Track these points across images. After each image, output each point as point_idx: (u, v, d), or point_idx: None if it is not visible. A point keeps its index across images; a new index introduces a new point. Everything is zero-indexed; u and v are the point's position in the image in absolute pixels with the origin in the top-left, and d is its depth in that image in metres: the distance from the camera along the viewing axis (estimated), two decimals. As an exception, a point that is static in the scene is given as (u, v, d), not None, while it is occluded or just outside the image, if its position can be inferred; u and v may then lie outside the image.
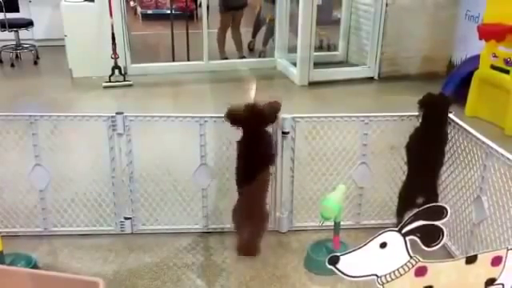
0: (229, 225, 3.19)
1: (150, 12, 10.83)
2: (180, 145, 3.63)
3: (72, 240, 3.13)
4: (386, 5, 6.50)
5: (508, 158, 2.50)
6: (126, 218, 3.19)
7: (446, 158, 3.05)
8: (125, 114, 3.00)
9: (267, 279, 2.82)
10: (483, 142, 2.71)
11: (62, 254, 3.01)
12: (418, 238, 1.79)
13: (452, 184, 3.02)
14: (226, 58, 7.50)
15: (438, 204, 1.87)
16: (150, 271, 2.87)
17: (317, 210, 2.79)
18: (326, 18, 7.72)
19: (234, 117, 2.78)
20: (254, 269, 2.89)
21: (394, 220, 3.15)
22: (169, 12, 7.95)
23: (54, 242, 3.12)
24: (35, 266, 2.79)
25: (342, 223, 2.87)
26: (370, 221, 3.27)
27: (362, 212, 3.26)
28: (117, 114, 2.99)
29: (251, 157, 2.85)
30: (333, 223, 2.84)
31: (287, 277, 2.84)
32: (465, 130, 2.89)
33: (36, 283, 1.88)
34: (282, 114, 2.98)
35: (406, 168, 3.06)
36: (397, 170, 3.17)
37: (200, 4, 8.99)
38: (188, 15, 8.03)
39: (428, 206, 1.84)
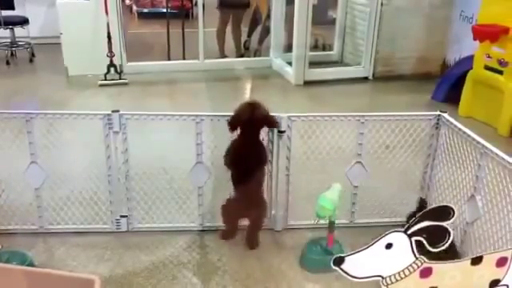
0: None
1: (145, 10, 10.80)
2: (176, 143, 3.64)
3: (68, 238, 3.13)
4: (381, 5, 6.53)
5: (502, 158, 2.53)
6: (122, 216, 3.19)
7: (440, 158, 3.08)
8: (121, 112, 3.00)
9: (262, 277, 2.83)
10: (478, 142, 2.73)
11: (57, 252, 3.01)
12: (424, 238, 1.78)
13: (446, 183, 3.04)
14: (226, 57, 7.49)
15: (444, 205, 1.85)
16: (146, 269, 2.87)
17: (312, 209, 2.80)
18: (321, 17, 7.74)
19: (235, 124, 2.84)
20: (249, 266, 2.91)
21: (388, 219, 3.16)
22: (165, 11, 7.95)
23: (49, 240, 3.11)
24: (31, 264, 2.78)
25: (336, 222, 2.89)
26: (364, 219, 3.29)
27: (356, 211, 3.28)
28: (113, 112, 2.99)
29: (249, 157, 2.88)
30: (327, 222, 2.85)
31: (282, 275, 2.85)
32: (459, 129, 2.91)
33: (31, 281, 1.88)
34: (277, 114, 2.99)
35: (402, 167, 3.07)
36: (391, 170, 3.19)
37: (196, 3, 8.97)
38: (184, 14, 8.01)
39: (434, 206, 1.83)
